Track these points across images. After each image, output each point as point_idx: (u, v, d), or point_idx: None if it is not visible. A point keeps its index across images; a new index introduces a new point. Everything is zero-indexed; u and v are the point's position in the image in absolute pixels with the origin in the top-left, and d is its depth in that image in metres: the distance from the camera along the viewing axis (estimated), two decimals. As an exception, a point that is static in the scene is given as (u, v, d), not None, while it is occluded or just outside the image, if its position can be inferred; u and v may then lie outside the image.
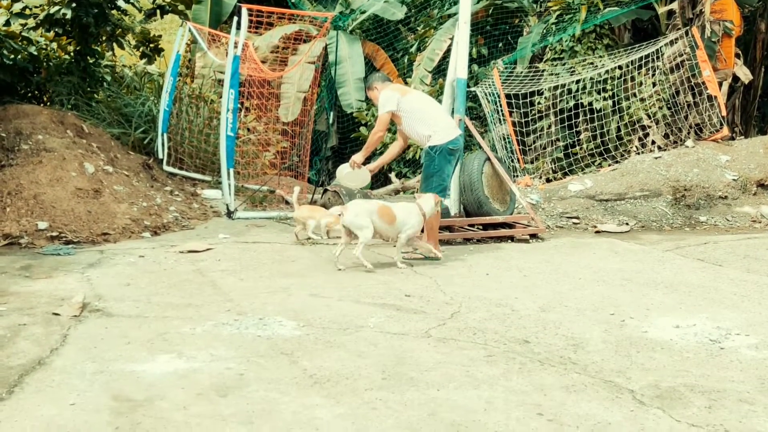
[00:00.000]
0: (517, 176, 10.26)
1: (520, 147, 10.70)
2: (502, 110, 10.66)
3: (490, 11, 12.26)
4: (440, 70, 11.57)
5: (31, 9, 10.67)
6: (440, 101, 7.97)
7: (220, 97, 9.55)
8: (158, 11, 12.54)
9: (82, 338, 4.03)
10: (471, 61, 10.15)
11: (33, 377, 3.44)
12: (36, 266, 5.72)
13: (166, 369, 3.59)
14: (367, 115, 11.99)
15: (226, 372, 3.57)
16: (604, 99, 10.35)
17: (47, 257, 6.05)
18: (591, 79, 10.36)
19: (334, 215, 7.18)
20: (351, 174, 6.82)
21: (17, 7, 10.55)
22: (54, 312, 4.45)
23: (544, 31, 11.01)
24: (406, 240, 6.13)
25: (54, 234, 6.63)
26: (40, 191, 7.07)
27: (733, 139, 10.57)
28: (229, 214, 8.30)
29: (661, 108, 10.29)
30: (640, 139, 10.37)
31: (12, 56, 10.58)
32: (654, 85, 10.28)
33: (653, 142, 10.33)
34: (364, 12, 13.15)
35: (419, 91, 6.69)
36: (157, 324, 4.32)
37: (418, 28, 13.10)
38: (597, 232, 8.06)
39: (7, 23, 10.62)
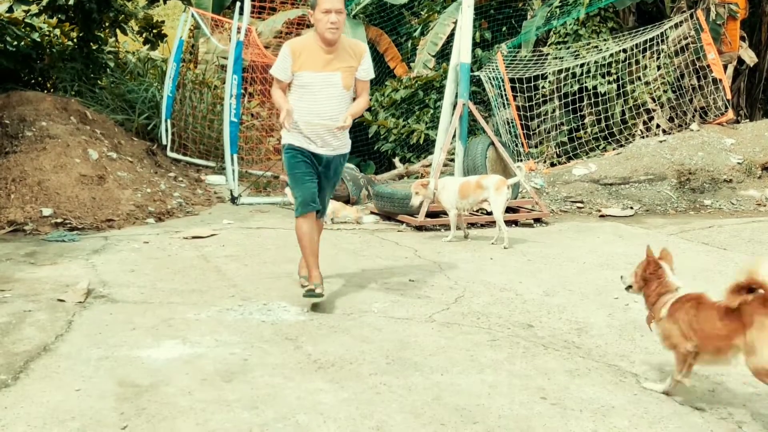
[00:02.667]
0: (522, 160, 10.23)
1: (524, 131, 10.66)
2: (506, 94, 10.61)
3: (494, -5, 12.19)
4: (444, 55, 11.50)
5: (33, -5, 10.67)
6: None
7: (224, 83, 9.53)
8: (161, -3, 12.52)
9: (87, 324, 4.04)
10: (475, 45, 10.08)
11: (38, 363, 3.46)
12: (41, 253, 5.73)
13: (171, 355, 3.60)
14: (370, 99, 11.93)
15: (231, 357, 3.58)
16: (609, 83, 10.29)
17: (52, 244, 6.06)
18: (595, 62, 10.30)
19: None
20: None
21: (20, -6, 10.54)
22: (59, 298, 4.46)
23: (548, 14, 10.92)
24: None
25: (58, 220, 6.64)
26: (44, 178, 7.08)
27: (737, 122, 10.52)
28: (233, 199, 8.31)
29: (665, 91, 10.23)
30: (644, 122, 10.32)
31: (15, 43, 10.57)
32: (659, 68, 10.22)
33: (658, 126, 10.29)
34: (367, -4, 13.07)
35: None
36: (161, 310, 4.33)
37: (422, 13, 13.00)
38: (601, 216, 8.05)
39: (10, 10, 10.61)
